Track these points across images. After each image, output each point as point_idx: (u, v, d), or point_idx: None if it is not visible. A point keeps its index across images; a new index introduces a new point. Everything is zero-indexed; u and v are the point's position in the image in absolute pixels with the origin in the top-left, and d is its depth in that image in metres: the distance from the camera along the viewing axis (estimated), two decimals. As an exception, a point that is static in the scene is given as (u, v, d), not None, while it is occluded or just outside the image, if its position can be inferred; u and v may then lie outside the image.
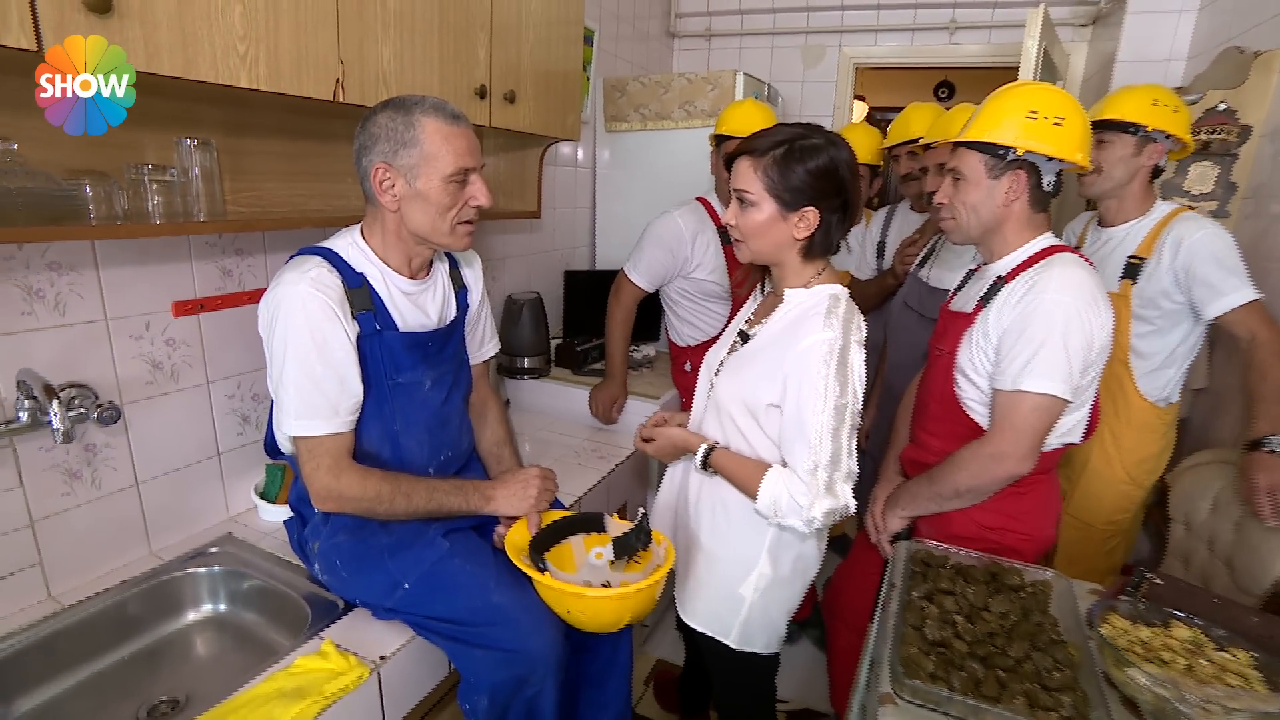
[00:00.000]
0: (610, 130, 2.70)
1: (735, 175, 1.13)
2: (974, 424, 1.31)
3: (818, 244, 1.13)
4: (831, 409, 1.04)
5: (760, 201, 1.10)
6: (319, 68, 1.09)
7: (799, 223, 1.10)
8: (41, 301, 1.07)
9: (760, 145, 1.09)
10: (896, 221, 2.24)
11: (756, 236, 1.12)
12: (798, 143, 1.08)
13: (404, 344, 1.16)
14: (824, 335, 1.05)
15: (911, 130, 2.05)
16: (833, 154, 1.08)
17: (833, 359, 1.04)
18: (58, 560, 1.15)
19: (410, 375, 1.19)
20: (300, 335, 1.04)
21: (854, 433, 1.08)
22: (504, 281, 2.30)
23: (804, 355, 1.06)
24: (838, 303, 1.10)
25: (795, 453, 1.07)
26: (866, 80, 3.20)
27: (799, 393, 1.06)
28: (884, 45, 2.96)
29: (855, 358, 1.07)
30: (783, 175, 1.07)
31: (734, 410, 1.17)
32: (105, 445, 1.18)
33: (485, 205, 1.15)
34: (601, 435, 2.02)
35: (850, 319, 1.09)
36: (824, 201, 1.09)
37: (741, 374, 1.17)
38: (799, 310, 1.13)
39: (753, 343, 1.19)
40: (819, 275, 1.15)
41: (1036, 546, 1.32)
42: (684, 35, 3.22)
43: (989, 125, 1.22)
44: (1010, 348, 1.18)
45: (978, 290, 1.34)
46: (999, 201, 1.25)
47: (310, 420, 1.07)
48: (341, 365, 1.08)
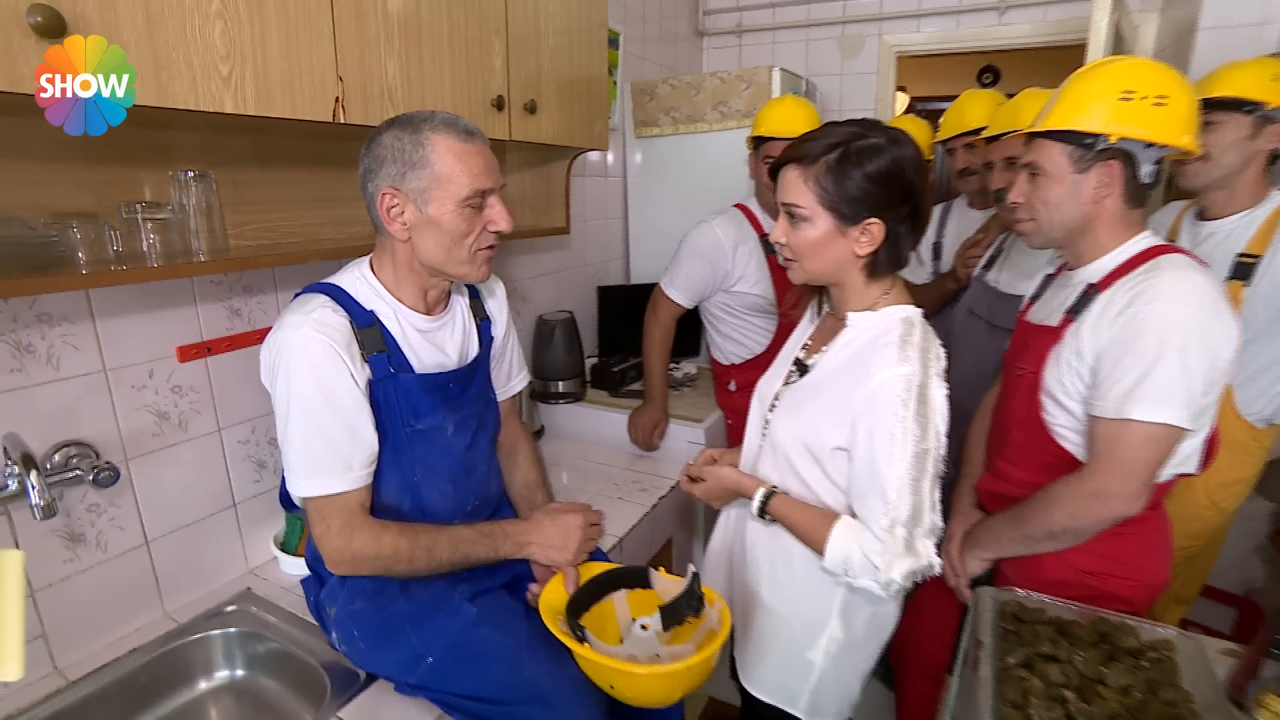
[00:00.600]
0: (640, 136, 2.57)
1: (782, 187, 0.98)
2: (1065, 454, 1.14)
3: (884, 260, 0.97)
4: (911, 456, 0.89)
5: (814, 216, 0.95)
6: (315, 87, 0.99)
7: (861, 237, 0.95)
8: (32, 356, 0.99)
9: (810, 151, 0.94)
10: (953, 220, 2.07)
11: (812, 256, 0.98)
12: (854, 144, 0.93)
13: (421, 386, 1.06)
14: (900, 370, 0.90)
15: (968, 120, 1.87)
16: (896, 154, 0.92)
17: (911, 398, 0.89)
18: (62, 630, 1.07)
19: (430, 420, 1.08)
20: (304, 384, 0.94)
21: (937, 482, 0.93)
22: (534, 302, 2.19)
23: (877, 394, 0.91)
24: (912, 328, 0.95)
25: (869, 507, 0.92)
26: (905, 69, 2.99)
27: (871, 438, 0.91)
28: (926, 31, 2.77)
29: (937, 394, 0.92)
30: (838, 184, 0.92)
31: (793, 452, 1.03)
32: (110, 505, 1.10)
33: (506, 230, 1.03)
34: (642, 463, 1.89)
35: (928, 347, 0.94)
36: (889, 210, 0.93)
37: (801, 412, 1.03)
38: (866, 337, 0.98)
39: (812, 375, 1.04)
40: (886, 295, 1.00)
41: (1146, 593, 1.14)
42: (713, 33, 3.08)
43: (1074, 110, 1.06)
44: (1112, 368, 1.01)
45: (1063, 300, 1.17)
46: (1087, 198, 1.08)
47: (319, 479, 0.96)
48: (351, 414, 0.97)
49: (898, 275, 1.03)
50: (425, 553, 1.01)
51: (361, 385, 0.98)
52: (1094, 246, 1.12)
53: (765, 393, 1.14)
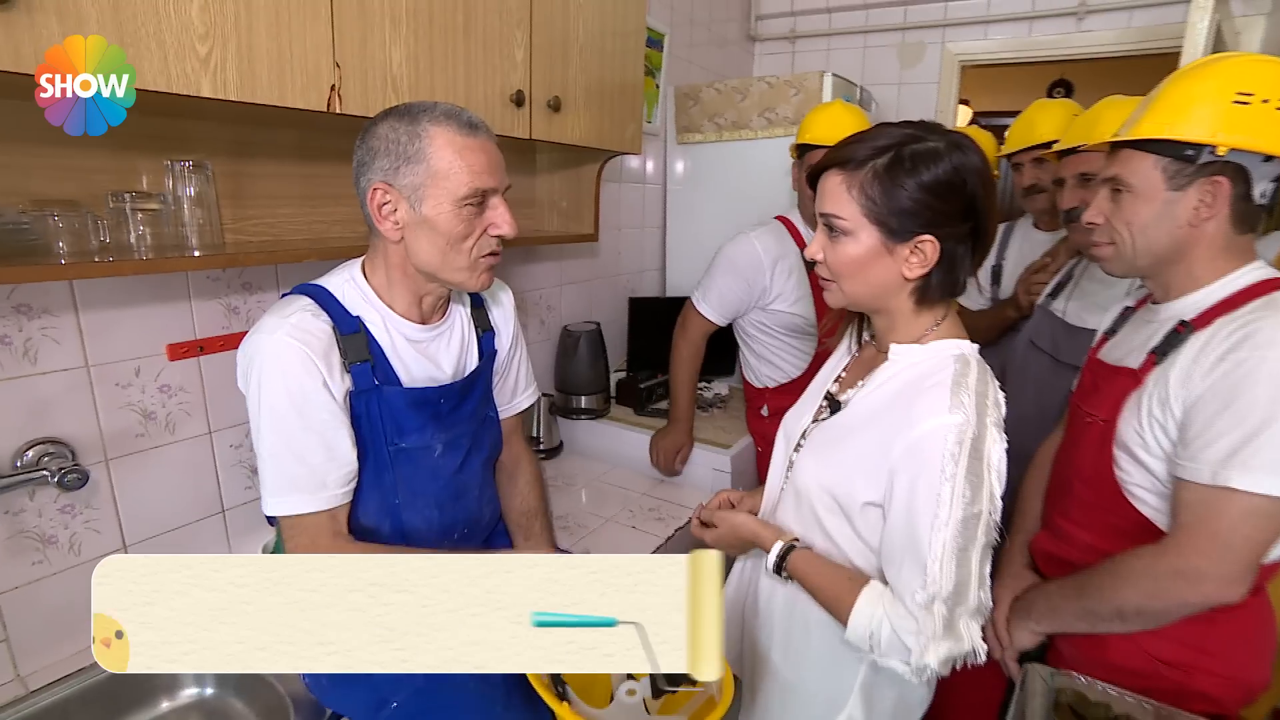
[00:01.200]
0: (682, 142, 2.47)
1: (822, 195, 0.85)
2: (1140, 518, 0.97)
3: (937, 285, 0.83)
4: (958, 522, 0.74)
5: (857, 230, 0.81)
6: (307, 73, 0.91)
7: (911, 257, 0.81)
8: (7, 349, 0.94)
9: (856, 154, 0.81)
10: (1016, 241, 1.88)
11: (852, 276, 0.84)
12: (908, 148, 0.79)
13: (408, 401, 0.97)
14: (950, 420, 0.76)
15: (1038, 133, 1.69)
16: (958, 161, 0.78)
17: (963, 453, 0.75)
18: (28, 636, 1.01)
19: (416, 439, 0.99)
20: (275, 394, 0.86)
21: (989, 554, 0.78)
22: (560, 311, 2.10)
23: (921, 445, 0.77)
24: (967, 368, 0.80)
25: (904, 576, 0.78)
26: (968, 81, 2.80)
27: (912, 497, 0.77)
28: (995, 38, 2.58)
29: (993, 450, 0.77)
30: (887, 193, 0.79)
31: (818, 502, 0.89)
32: (86, 506, 1.05)
33: (509, 235, 0.94)
34: (662, 489, 1.77)
35: (985, 392, 0.79)
36: (946, 227, 0.79)
37: (829, 456, 0.89)
38: (912, 375, 0.84)
39: (845, 414, 0.90)
40: (937, 326, 0.86)
41: (1240, 694, 0.96)
42: (766, 39, 2.96)
43: (1173, 115, 0.90)
44: (1208, 425, 0.85)
45: (1146, 338, 1.01)
46: (1182, 220, 0.92)
47: (289, 496, 0.88)
48: (327, 429, 0.89)
49: (951, 303, 0.89)
50: None
51: (339, 397, 0.90)
52: (1187, 278, 0.96)
53: (792, 429, 1.01)
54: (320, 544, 0.89)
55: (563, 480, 1.80)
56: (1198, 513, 0.86)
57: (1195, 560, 0.86)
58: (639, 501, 1.69)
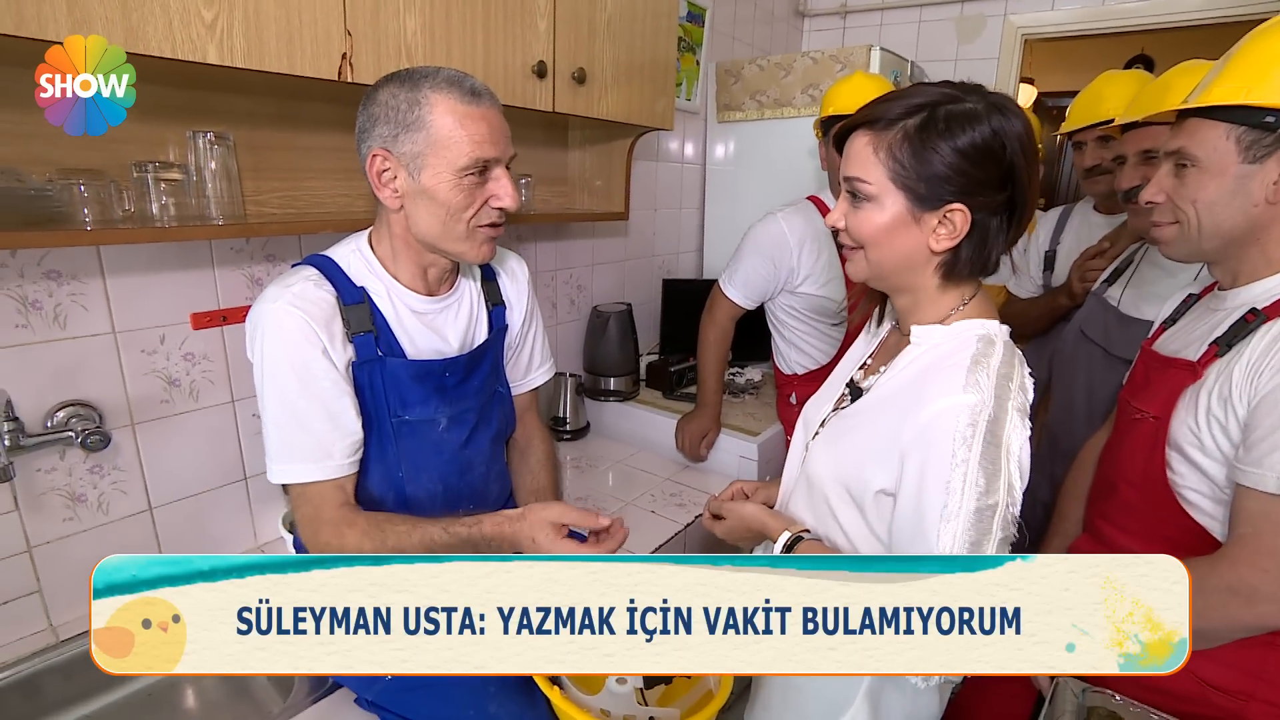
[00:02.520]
0: (723, 120, 2.40)
1: (847, 158, 0.79)
2: (1195, 526, 0.89)
3: (966, 260, 0.76)
4: (970, 513, 0.69)
5: (882, 195, 0.75)
6: (318, 41, 0.91)
7: (939, 228, 0.75)
8: (39, 313, 0.98)
9: (888, 112, 0.74)
10: (1073, 226, 1.75)
11: (876, 245, 0.78)
12: (943, 108, 0.72)
13: (411, 373, 0.96)
14: (963, 400, 0.70)
15: (1105, 109, 1.54)
16: (998, 124, 0.71)
17: (977, 437, 0.69)
18: (60, 589, 1.06)
19: (420, 412, 0.98)
20: (278, 363, 0.86)
21: (1005, 550, 0.72)
22: (591, 291, 2.08)
23: (931, 427, 0.71)
24: (990, 348, 0.74)
25: None
26: (1033, 57, 2.62)
27: (921, 483, 0.71)
28: (1063, 9, 2.41)
29: (1014, 436, 0.71)
30: (917, 157, 0.72)
31: (830, 492, 0.84)
32: (114, 468, 1.08)
33: (510, 208, 0.91)
34: (687, 475, 1.73)
35: (1009, 374, 0.73)
36: (980, 196, 0.73)
37: (843, 444, 0.84)
38: (933, 357, 0.78)
39: (865, 401, 0.85)
40: (963, 306, 0.79)
41: (1298, 723, 0.87)
42: (815, 14, 2.84)
43: (1249, 79, 0.80)
44: (1277, 426, 0.76)
45: (1210, 327, 0.91)
46: (1259, 197, 0.82)
47: (293, 465, 0.89)
48: (329, 398, 0.89)
49: (981, 283, 0.82)
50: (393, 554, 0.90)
51: (341, 367, 0.89)
52: (1261, 262, 0.86)
53: (811, 417, 0.96)
54: (325, 514, 0.89)
55: (587, 462, 1.78)
56: (1259, 525, 0.77)
57: (1252, 577, 0.77)
58: (662, 486, 1.66)
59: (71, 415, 1.02)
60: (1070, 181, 4.82)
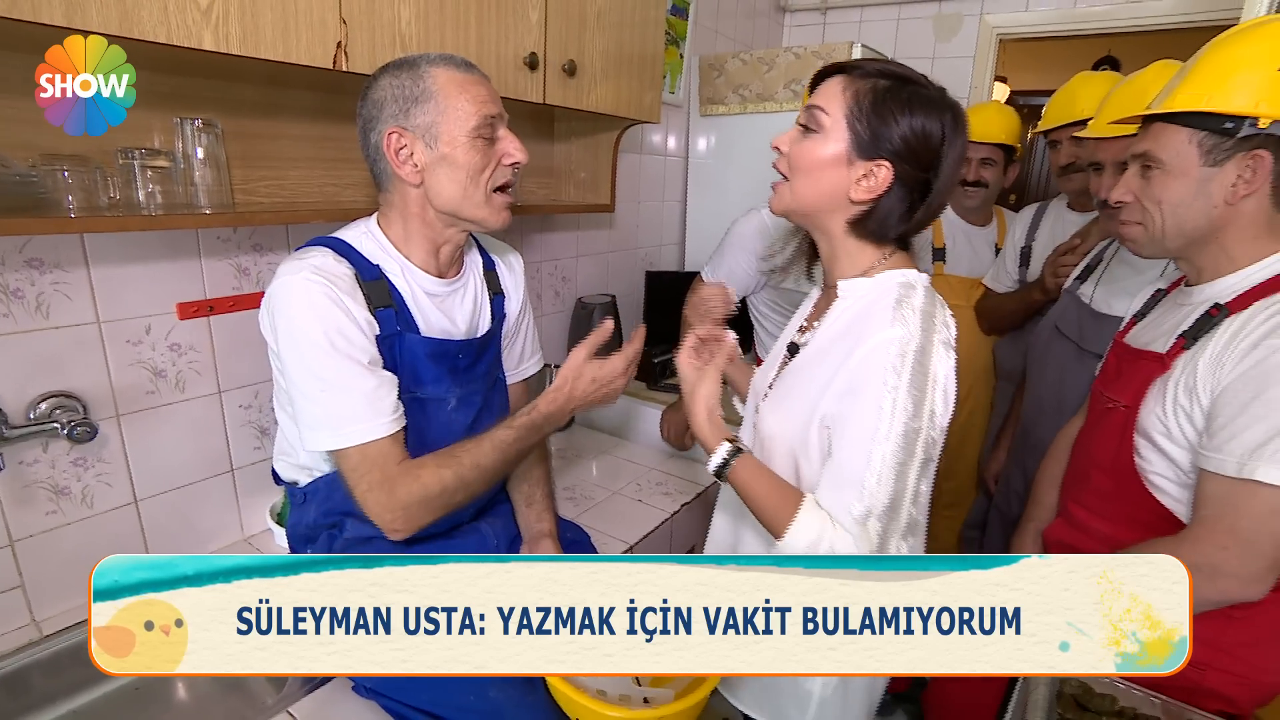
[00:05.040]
0: (706, 114, 2.41)
1: (818, 92, 0.84)
2: (1161, 509, 0.94)
3: (874, 219, 0.83)
4: (899, 435, 0.75)
5: (832, 129, 0.81)
6: (313, 28, 0.90)
7: (864, 178, 0.81)
8: (20, 302, 0.96)
9: (867, 67, 0.82)
10: (1048, 223, 1.81)
11: (807, 173, 0.83)
12: (912, 87, 0.80)
13: (429, 351, 0.97)
14: (891, 333, 0.77)
15: (1079, 108, 1.60)
16: (947, 123, 0.80)
17: (905, 366, 0.75)
18: (43, 583, 1.04)
19: (434, 390, 0.99)
20: (310, 329, 0.85)
21: (928, 469, 0.78)
22: (576, 282, 2.09)
23: (865, 360, 0.77)
24: (911, 291, 0.81)
25: (841, 493, 0.77)
26: (1006, 56, 2.68)
27: (854, 410, 0.77)
28: (1037, 10, 2.47)
29: (939, 365, 0.78)
30: (876, 111, 0.79)
31: (778, 453, 0.89)
32: (98, 460, 1.07)
33: (521, 160, 0.95)
34: (672, 463, 1.76)
35: (932, 312, 0.80)
36: (906, 165, 0.80)
37: (786, 403, 0.89)
38: (861, 305, 0.84)
39: (802, 355, 0.90)
40: (885, 260, 0.86)
41: (1254, 694, 0.93)
42: (796, 9, 2.87)
43: (1211, 85, 0.85)
44: (1237, 414, 0.81)
45: (1177, 321, 0.96)
46: (1219, 198, 0.87)
47: (349, 427, 0.87)
48: (369, 352, 0.89)
49: (900, 250, 0.87)
50: (474, 471, 0.92)
51: (368, 334, 0.90)
52: (1222, 260, 0.91)
53: (759, 384, 1.00)
54: (393, 470, 0.88)
55: (573, 452, 1.80)
56: (1220, 506, 0.82)
57: (1214, 556, 0.82)
58: (647, 475, 1.68)
59: (55, 406, 1.00)
60: (1041, 178, 4.95)
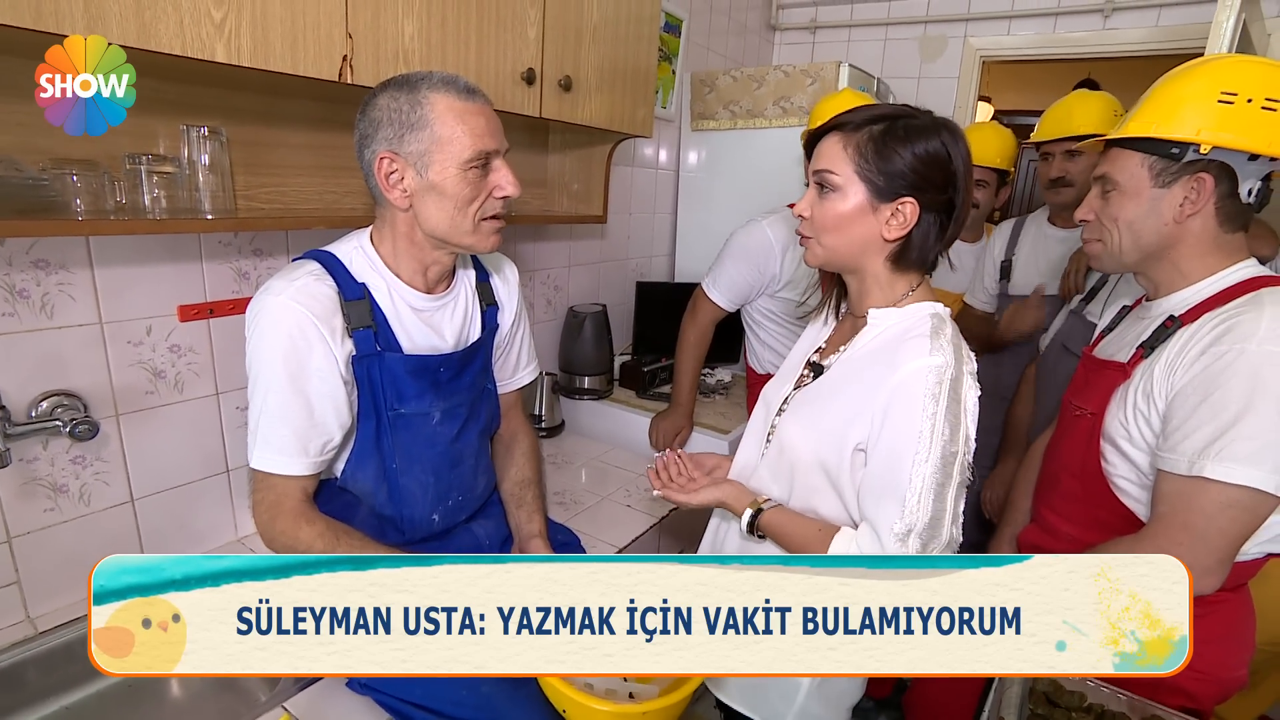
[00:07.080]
0: (697, 129, 2.47)
1: (818, 155, 0.89)
2: (1124, 510, 0.99)
3: (913, 249, 0.88)
4: (938, 458, 0.80)
5: (847, 186, 0.86)
6: (321, 42, 0.94)
7: (892, 218, 0.86)
8: (25, 302, 0.98)
9: (855, 119, 0.87)
10: (1029, 237, 1.86)
11: (836, 230, 0.88)
12: (902, 120, 0.85)
13: (408, 368, 0.99)
14: (931, 361, 0.81)
15: (1074, 124, 1.64)
16: (946, 139, 0.84)
17: (943, 393, 0.80)
18: (39, 580, 1.06)
19: (415, 405, 1.01)
20: (271, 356, 0.89)
21: (963, 492, 0.83)
22: (568, 292, 2.13)
23: (904, 385, 0.82)
24: (944, 323, 0.86)
25: (883, 511, 0.82)
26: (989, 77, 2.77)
27: (896, 433, 0.82)
28: (1019, 34, 2.55)
29: (970, 394, 0.83)
30: (880, 155, 0.84)
31: (801, 459, 0.93)
32: (96, 458, 1.09)
33: (513, 194, 0.97)
34: (658, 469, 1.79)
35: (960, 345, 0.85)
36: (927, 194, 0.84)
37: (815, 416, 0.93)
38: (893, 333, 0.88)
39: (830, 375, 0.95)
40: (913, 292, 0.91)
41: (1215, 690, 0.97)
42: (786, 28, 2.94)
43: (1159, 115, 0.91)
44: (1188, 416, 0.86)
45: (1138, 333, 1.01)
46: (1168, 216, 0.93)
47: (269, 454, 0.91)
48: (316, 396, 0.92)
49: (924, 276, 0.92)
50: None
51: (341, 362, 0.93)
52: (1175, 275, 0.96)
53: (772, 397, 1.04)
54: (287, 505, 0.92)
55: (563, 458, 1.82)
56: (1174, 503, 0.87)
57: (1170, 550, 0.85)
58: (636, 482, 1.71)
59: (56, 405, 1.02)
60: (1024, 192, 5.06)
